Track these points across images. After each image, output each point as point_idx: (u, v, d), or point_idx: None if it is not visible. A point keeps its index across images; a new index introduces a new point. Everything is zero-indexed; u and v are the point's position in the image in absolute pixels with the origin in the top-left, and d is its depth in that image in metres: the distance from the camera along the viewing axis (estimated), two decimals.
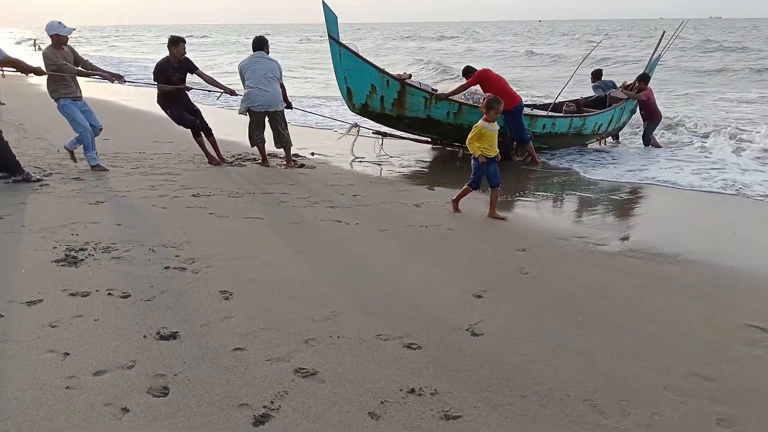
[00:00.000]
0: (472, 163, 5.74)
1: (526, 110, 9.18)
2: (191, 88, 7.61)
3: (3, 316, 3.08)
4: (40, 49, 41.79)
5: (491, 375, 2.74)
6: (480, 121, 5.59)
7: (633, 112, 10.72)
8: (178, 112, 7.44)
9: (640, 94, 10.07)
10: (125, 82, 7.30)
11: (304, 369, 2.71)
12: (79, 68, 6.73)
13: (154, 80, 7.31)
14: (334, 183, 6.86)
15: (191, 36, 68.15)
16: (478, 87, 8.52)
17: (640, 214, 6.31)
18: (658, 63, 11.38)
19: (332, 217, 5.32)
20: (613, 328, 3.30)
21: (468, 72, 8.69)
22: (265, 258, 4.21)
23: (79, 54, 6.96)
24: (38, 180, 6.15)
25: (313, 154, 8.72)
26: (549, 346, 3.04)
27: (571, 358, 2.94)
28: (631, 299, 3.72)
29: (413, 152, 9.28)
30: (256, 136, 7.61)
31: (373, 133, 8.89)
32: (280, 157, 7.93)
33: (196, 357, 2.78)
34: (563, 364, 2.86)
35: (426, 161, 8.93)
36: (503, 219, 5.59)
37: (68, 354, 2.73)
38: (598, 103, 10.64)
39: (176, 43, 7.21)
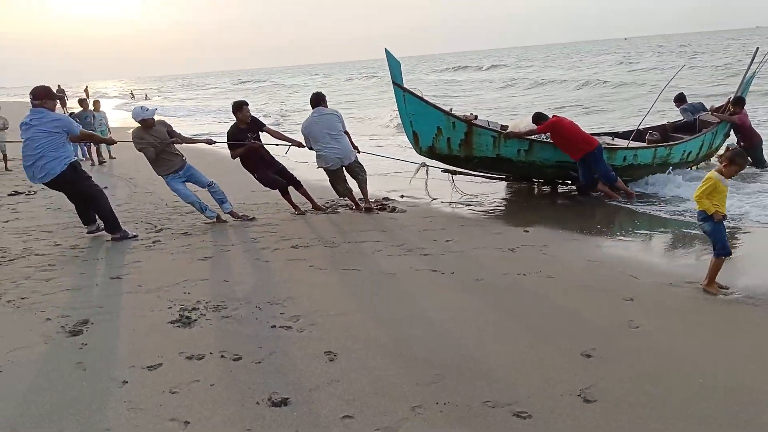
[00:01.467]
0: (705, 226, 4.75)
1: (606, 140, 8.97)
2: (261, 145, 7.79)
3: (127, 382, 3.28)
4: (133, 97, 45.47)
5: None
6: (714, 173, 4.66)
7: (727, 135, 10.13)
8: (263, 173, 7.74)
9: (733, 117, 9.52)
10: (214, 142, 7.82)
11: None
12: (164, 140, 7.06)
13: (229, 147, 7.62)
14: (426, 228, 6.88)
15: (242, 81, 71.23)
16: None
17: (756, 253, 5.89)
18: (753, 82, 10.68)
19: (427, 266, 5.33)
20: (735, 390, 3.07)
21: (539, 118, 8.55)
22: (365, 313, 4.26)
23: (170, 125, 7.46)
24: (134, 237, 6.54)
25: (402, 196, 8.81)
26: (668, 411, 2.87)
27: (693, 425, 2.76)
28: (754, 355, 3.47)
29: (493, 190, 9.20)
30: (341, 187, 7.82)
31: (441, 171, 8.91)
32: (360, 199, 8.05)
33: (308, 425, 2.84)
34: (686, 430, 2.70)
35: (509, 198, 8.81)
36: (724, 289, 4.62)
37: (188, 423, 2.87)
38: (687, 127, 10.13)
39: (240, 107, 7.56)
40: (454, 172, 8.86)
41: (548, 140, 8.45)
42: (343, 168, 7.73)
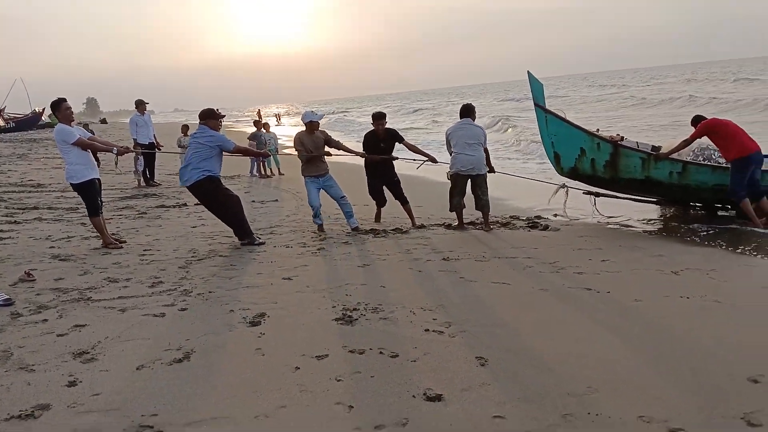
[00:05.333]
0: None
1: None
2: (396, 158, 8.29)
3: (299, 368, 3.67)
4: (279, 122, 48.79)
5: None
6: None
7: None
8: (375, 183, 8.35)
9: None
10: (364, 155, 8.29)
11: None
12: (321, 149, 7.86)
13: (365, 150, 8.23)
14: (580, 246, 6.77)
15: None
16: (708, 141, 7.81)
17: None
18: None
19: (581, 285, 5.27)
20: None
21: (697, 120, 7.98)
22: (516, 326, 4.34)
23: (330, 135, 8.16)
24: (262, 243, 7.20)
25: (556, 215, 8.71)
26: None
27: None
28: None
29: (641, 210, 8.76)
30: (456, 201, 7.94)
31: (583, 193, 8.62)
32: (479, 222, 8.11)
33: (460, 420, 3.00)
34: None
35: (665, 221, 8.32)
36: None
37: (352, 407, 3.16)
38: None
39: (377, 118, 8.17)
40: (597, 194, 8.61)
41: (706, 162, 7.94)
42: (469, 181, 7.82)
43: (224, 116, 7.55)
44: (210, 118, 7.19)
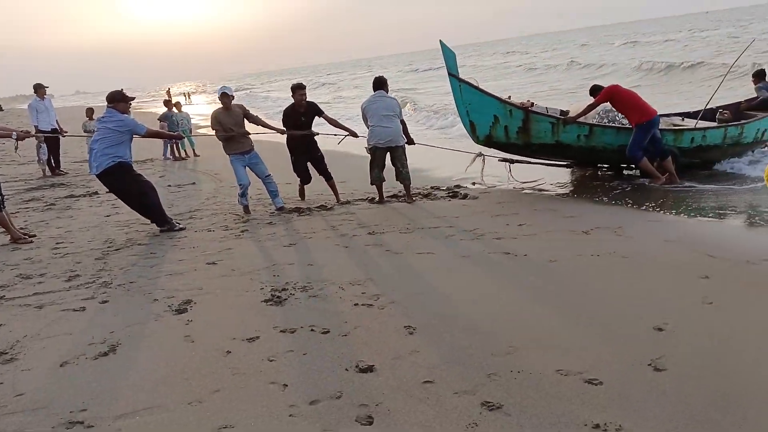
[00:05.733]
0: None
1: (666, 122, 8.79)
2: (317, 134, 8.19)
3: (230, 352, 3.67)
4: (189, 101, 46.79)
5: (675, 412, 2.76)
6: None
7: None
8: (300, 160, 8.20)
9: None
10: (284, 132, 8.12)
11: (490, 402, 2.92)
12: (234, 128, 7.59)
13: (284, 125, 8.08)
14: (498, 213, 7.02)
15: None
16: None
17: None
18: None
19: (500, 250, 5.50)
20: None
21: (595, 90, 8.47)
22: (441, 292, 4.51)
23: (249, 109, 7.95)
24: (182, 228, 7.05)
25: (474, 183, 8.96)
26: (740, 383, 2.96)
27: (765, 396, 2.85)
28: None
29: (559, 175, 9.24)
30: (375, 174, 7.98)
31: (498, 160, 8.93)
32: (401, 194, 8.25)
33: (392, 388, 3.11)
34: (758, 403, 2.79)
35: (577, 183, 8.79)
36: None
37: (286, 385, 3.21)
38: (765, 105, 9.70)
39: (296, 89, 7.97)
40: (511, 161, 8.91)
41: (609, 124, 8.39)
42: (387, 153, 7.89)
43: (134, 98, 7.19)
44: (119, 101, 6.84)
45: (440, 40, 8.19)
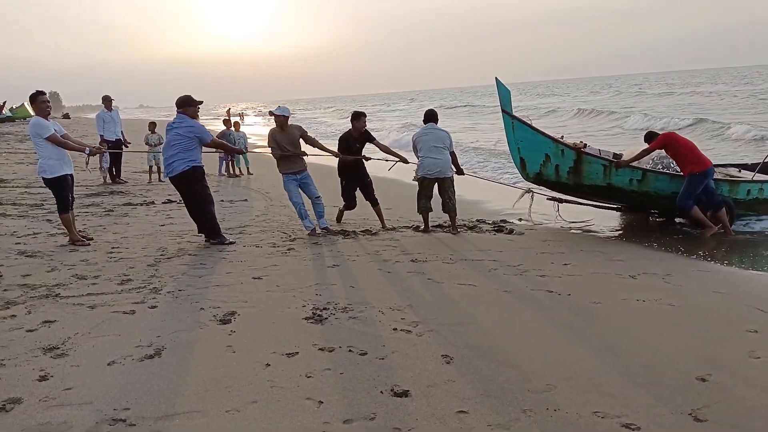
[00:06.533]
0: None
1: (723, 172, 8.59)
2: (369, 158, 8.34)
3: (270, 365, 3.75)
4: (242, 121, 47.48)
5: None
6: None
7: None
8: (350, 186, 8.35)
9: None
10: (339, 155, 8.21)
11: None
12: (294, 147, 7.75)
13: (338, 150, 8.23)
14: (544, 251, 6.98)
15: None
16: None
17: None
18: None
19: (543, 287, 5.46)
20: None
21: (651, 137, 8.37)
22: (480, 325, 4.50)
23: (307, 131, 8.11)
24: (232, 242, 7.19)
25: (520, 219, 8.93)
26: None
27: None
28: None
29: (603, 216, 9.09)
30: (422, 203, 8.03)
31: (547, 198, 8.87)
32: (446, 225, 8.24)
33: (426, 415, 3.13)
34: None
35: (626, 227, 8.63)
36: None
37: (322, 402, 3.26)
38: None
39: (358, 117, 8.22)
40: (560, 201, 8.86)
41: (664, 170, 8.27)
42: (436, 185, 7.94)
43: (202, 102, 7.37)
44: (188, 105, 7.07)
45: (496, 77, 8.30)
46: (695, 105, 38.02)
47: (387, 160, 8.67)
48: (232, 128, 15.49)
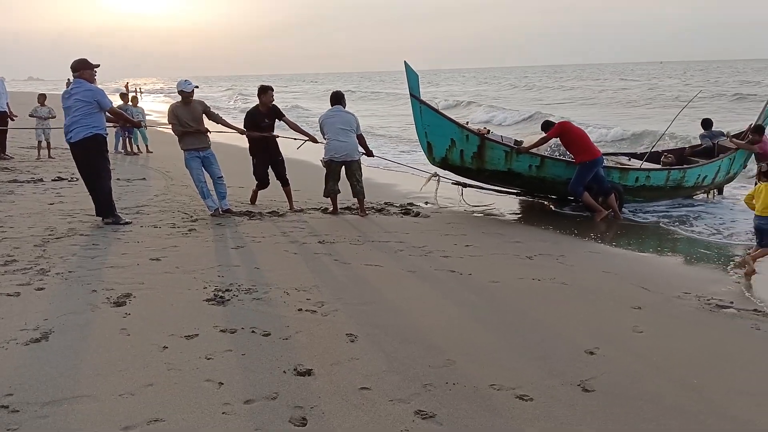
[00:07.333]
0: (758, 223, 5.89)
1: (614, 160, 9.21)
2: (278, 136, 8.15)
3: (167, 347, 3.61)
4: (137, 96, 45.42)
5: (601, 431, 2.87)
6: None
7: (744, 166, 10.22)
8: (260, 163, 8.06)
9: (753, 146, 9.57)
10: (244, 132, 7.98)
11: (423, 411, 2.97)
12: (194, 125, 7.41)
13: (244, 127, 8.00)
14: (448, 233, 7.16)
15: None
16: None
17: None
18: None
19: (446, 267, 5.60)
20: (731, 391, 3.30)
21: (547, 126, 8.82)
22: (384, 304, 4.56)
23: (210, 107, 7.82)
24: (128, 222, 6.89)
25: (427, 203, 9.10)
26: (662, 406, 3.11)
27: (683, 420, 3.00)
28: (752, 362, 3.69)
29: (510, 202, 9.46)
30: (330, 186, 7.98)
31: (452, 183, 9.14)
32: (355, 207, 8.25)
33: (329, 392, 3.13)
34: (678, 426, 2.93)
35: (527, 210, 9.04)
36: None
37: (222, 384, 3.18)
38: (707, 153, 10.26)
39: (265, 91, 7.95)
40: (464, 185, 9.12)
41: (561, 157, 8.69)
42: (343, 167, 7.91)
43: (98, 65, 6.85)
44: (84, 68, 6.64)
45: (405, 61, 8.35)
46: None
47: (296, 139, 8.50)
48: (130, 103, 14.70)
